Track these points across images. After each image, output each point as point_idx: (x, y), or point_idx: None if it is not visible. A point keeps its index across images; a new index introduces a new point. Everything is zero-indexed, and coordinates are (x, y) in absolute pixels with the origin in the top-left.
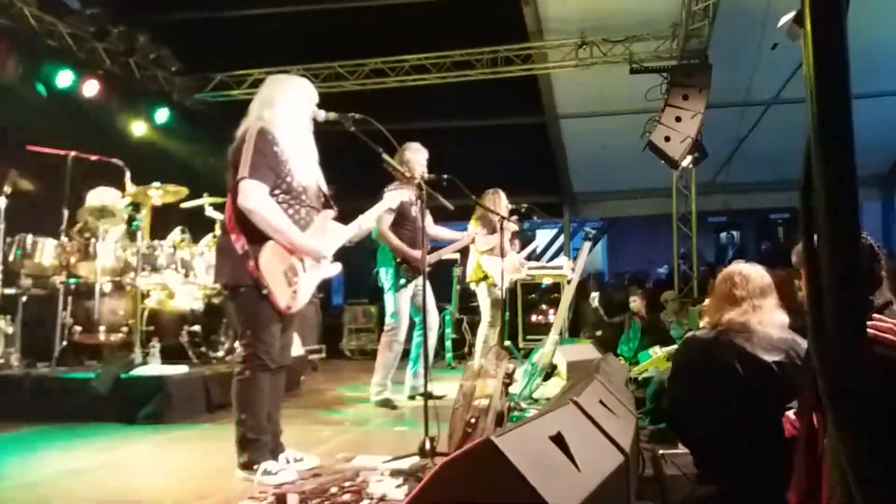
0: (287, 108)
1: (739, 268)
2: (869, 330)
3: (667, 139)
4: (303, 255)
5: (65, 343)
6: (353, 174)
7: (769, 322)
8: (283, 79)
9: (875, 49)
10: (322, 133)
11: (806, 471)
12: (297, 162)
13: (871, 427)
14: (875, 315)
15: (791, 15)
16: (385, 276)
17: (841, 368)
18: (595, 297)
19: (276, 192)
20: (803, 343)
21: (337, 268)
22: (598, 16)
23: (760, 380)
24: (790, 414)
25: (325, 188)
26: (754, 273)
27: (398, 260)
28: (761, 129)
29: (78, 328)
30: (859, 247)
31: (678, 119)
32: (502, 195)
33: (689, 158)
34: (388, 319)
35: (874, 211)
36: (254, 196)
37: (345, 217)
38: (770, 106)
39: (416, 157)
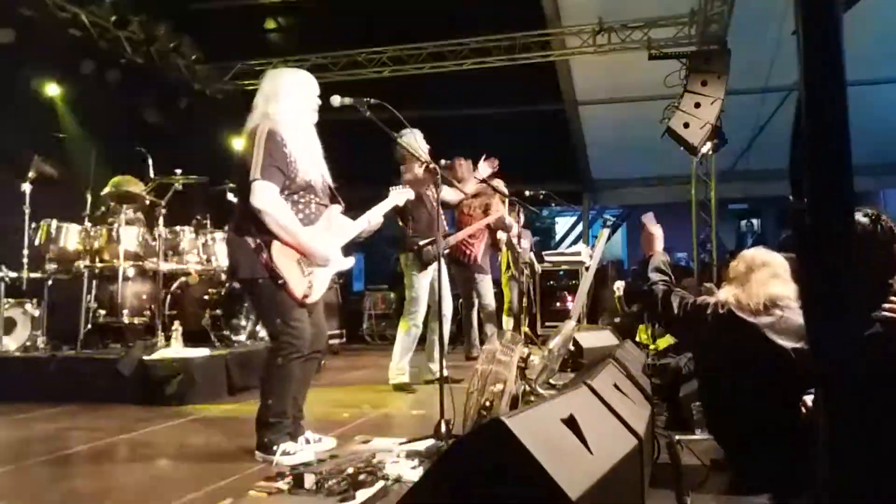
0: (291, 103)
1: (750, 251)
2: (886, 313)
3: (686, 125)
4: (310, 257)
5: (89, 326)
6: (364, 163)
7: (757, 295)
8: (285, 72)
9: (866, 38)
10: (333, 122)
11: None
12: (304, 159)
13: (858, 410)
14: (893, 298)
15: None
16: (404, 262)
17: (831, 345)
18: (620, 285)
19: (285, 191)
20: None
21: (350, 261)
22: (616, 1)
23: (776, 365)
24: (808, 399)
25: (330, 182)
26: (747, 253)
27: (417, 245)
28: (781, 116)
29: (102, 311)
30: (853, 226)
31: (697, 105)
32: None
33: (708, 145)
34: (406, 305)
35: (871, 201)
36: (265, 197)
37: (358, 205)
38: (790, 92)
39: (420, 141)
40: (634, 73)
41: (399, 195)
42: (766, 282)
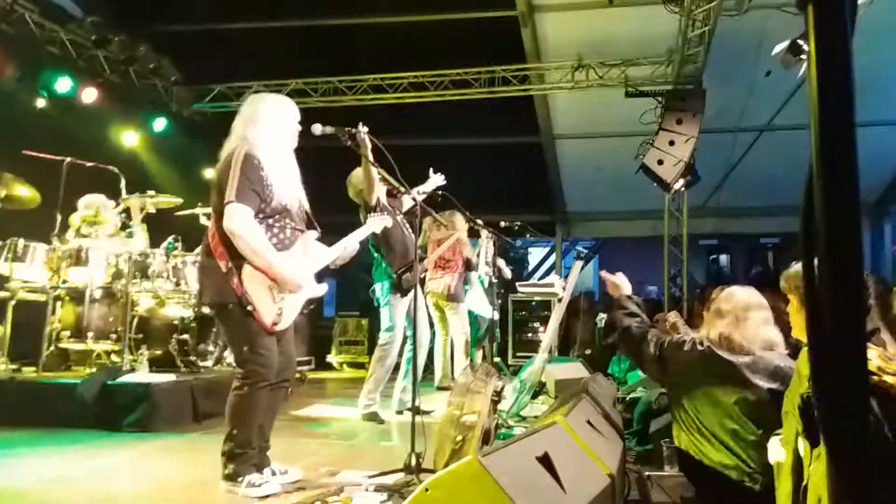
0: (270, 128)
1: (730, 287)
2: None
3: (660, 162)
4: (281, 284)
5: (52, 348)
6: (340, 189)
7: (753, 337)
8: (266, 97)
9: (863, 78)
10: (310, 148)
11: (791, 497)
12: (281, 183)
13: (865, 458)
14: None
15: (785, 44)
16: (381, 290)
17: (841, 397)
18: (602, 317)
19: (260, 215)
20: None
21: (323, 288)
22: (595, 39)
23: (751, 403)
24: (775, 440)
25: (307, 207)
26: (740, 291)
27: (395, 273)
28: (753, 155)
29: (66, 334)
30: (862, 275)
31: (672, 143)
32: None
33: (681, 182)
34: (382, 333)
35: (863, 238)
36: (238, 220)
37: (332, 229)
38: (762, 132)
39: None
40: (611, 110)
41: (377, 222)
42: (763, 324)
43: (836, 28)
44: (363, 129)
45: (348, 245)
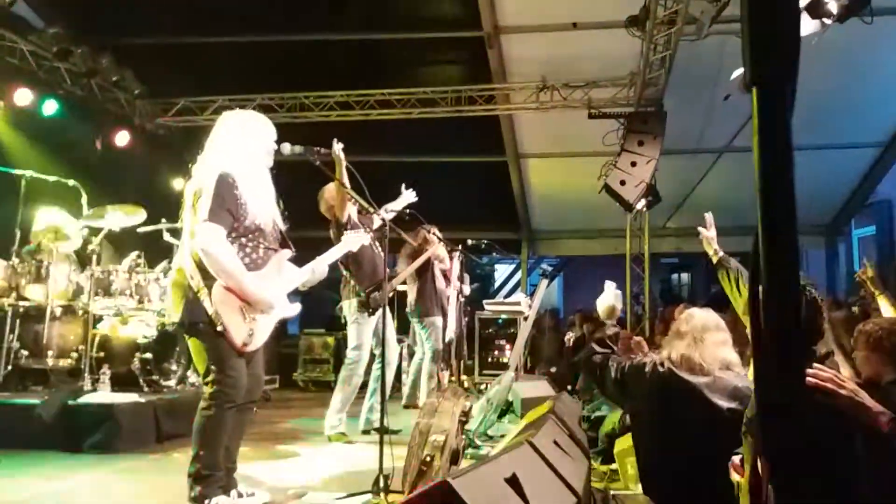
0: (245, 145)
1: (699, 311)
2: (810, 379)
3: (622, 183)
4: (252, 304)
5: (10, 367)
6: (311, 206)
7: (711, 358)
8: (241, 115)
9: (817, 103)
10: (283, 162)
11: None
12: (254, 202)
13: (808, 477)
14: (816, 365)
15: (742, 69)
16: (347, 309)
17: (780, 418)
18: (570, 337)
19: (233, 234)
20: None
21: (296, 308)
22: (560, 62)
23: (711, 423)
24: (736, 459)
25: (281, 226)
26: (698, 314)
27: (362, 292)
28: (712, 177)
29: (25, 352)
30: (800, 301)
31: (633, 164)
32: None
33: (643, 202)
34: (349, 352)
35: (818, 258)
36: (210, 239)
37: (303, 245)
38: (721, 154)
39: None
40: (575, 130)
41: (353, 240)
42: (720, 345)
43: (777, 108)
44: (338, 147)
45: (317, 267)
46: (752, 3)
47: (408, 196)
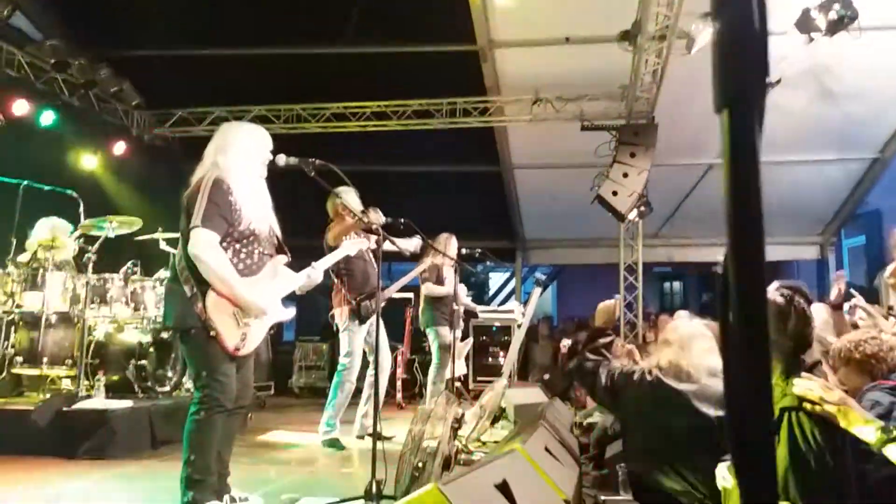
0: (242, 154)
1: (676, 319)
2: (797, 389)
3: (614, 193)
4: (245, 309)
5: (5, 374)
6: (308, 213)
7: (698, 365)
8: (239, 125)
9: (808, 117)
10: (280, 173)
11: None
12: (250, 209)
13: (774, 485)
14: (804, 374)
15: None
16: (339, 316)
17: (747, 443)
18: (566, 343)
19: (228, 239)
20: None
21: (291, 312)
22: (553, 75)
23: (699, 430)
24: (723, 466)
25: (278, 233)
26: (685, 322)
27: (354, 300)
28: (703, 188)
29: (20, 359)
30: (766, 321)
31: (625, 175)
32: (454, 240)
33: (635, 212)
34: (341, 359)
35: (809, 269)
36: (204, 245)
37: (299, 253)
38: (711, 166)
39: (351, 198)
40: (567, 142)
41: (352, 245)
42: (707, 353)
43: (745, 129)
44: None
45: (313, 273)
46: (722, 25)
47: (414, 242)
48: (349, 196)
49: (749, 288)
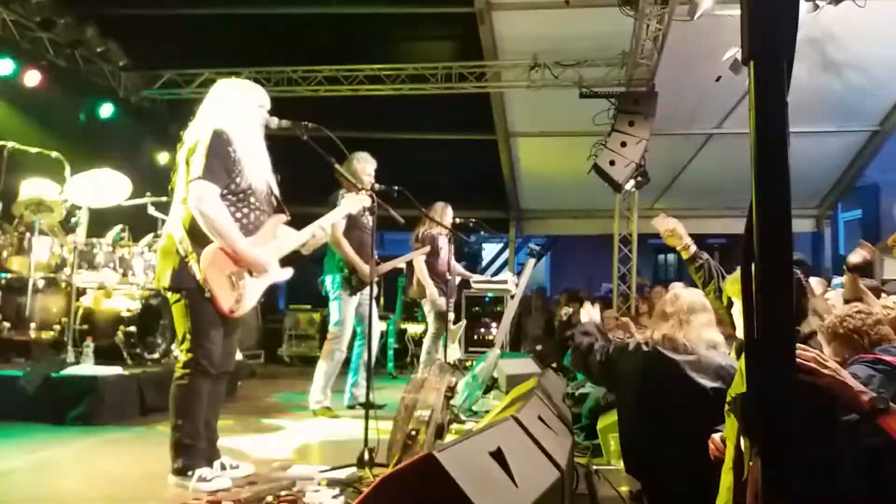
0: (240, 109)
1: (686, 291)
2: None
3: (612, 163)
4: (245, 265)
5: None
6: (303, 180)
7: (697, 338)
8: (235, 82)
9: (807, 87)
10: (272, 138)
11: (731, 493)
12: (249, 163)
13: (793, 454)
14: (799, 345)
15: (735, 50)
16: (331, 283)
17: (770, 397)
18: (567, 311)
19: (225, 191)
20: None
21: (288, 273)
22: (552, 40)
23: (694, 401)
24: (716, 437)
25: (276, 192)
26: (684, 294)
27: (346, 268)
28: (701, 159)
29: (7, 324)
30: (792, 281)
31: (623, 144)
32: (449, 209)
33: (631, 182)
34: (331, 327)
35: (805, 241)
36: (205, 197)
37: (295, 222)
38: (711, 136)
39: (364, 166)
40: (565, 110)
41: (353, 203)
42: (706, 326)
43: (773, 81)
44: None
45: (317, 231)
46: None
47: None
48: (359, 163)
49: (775, 229)
